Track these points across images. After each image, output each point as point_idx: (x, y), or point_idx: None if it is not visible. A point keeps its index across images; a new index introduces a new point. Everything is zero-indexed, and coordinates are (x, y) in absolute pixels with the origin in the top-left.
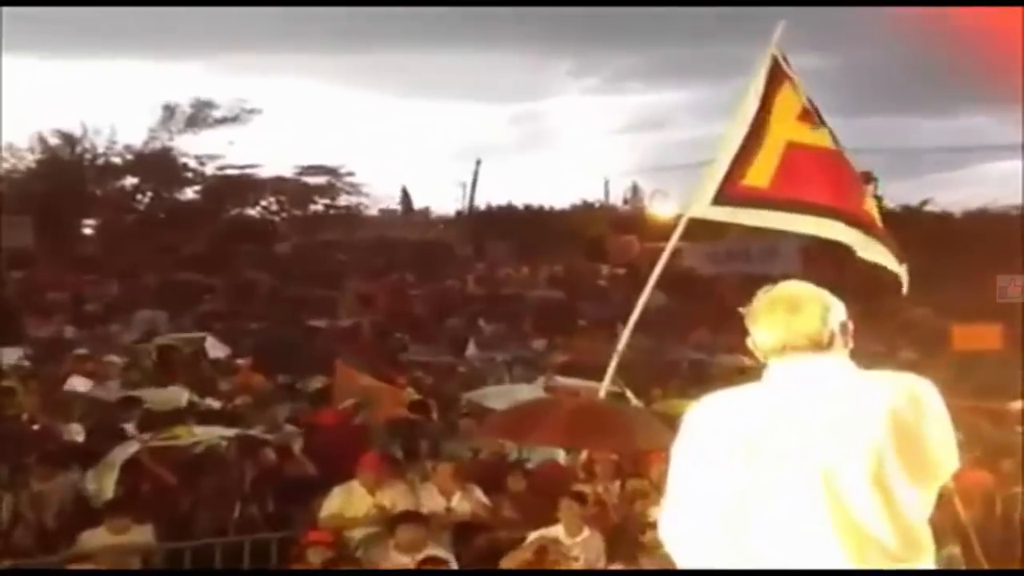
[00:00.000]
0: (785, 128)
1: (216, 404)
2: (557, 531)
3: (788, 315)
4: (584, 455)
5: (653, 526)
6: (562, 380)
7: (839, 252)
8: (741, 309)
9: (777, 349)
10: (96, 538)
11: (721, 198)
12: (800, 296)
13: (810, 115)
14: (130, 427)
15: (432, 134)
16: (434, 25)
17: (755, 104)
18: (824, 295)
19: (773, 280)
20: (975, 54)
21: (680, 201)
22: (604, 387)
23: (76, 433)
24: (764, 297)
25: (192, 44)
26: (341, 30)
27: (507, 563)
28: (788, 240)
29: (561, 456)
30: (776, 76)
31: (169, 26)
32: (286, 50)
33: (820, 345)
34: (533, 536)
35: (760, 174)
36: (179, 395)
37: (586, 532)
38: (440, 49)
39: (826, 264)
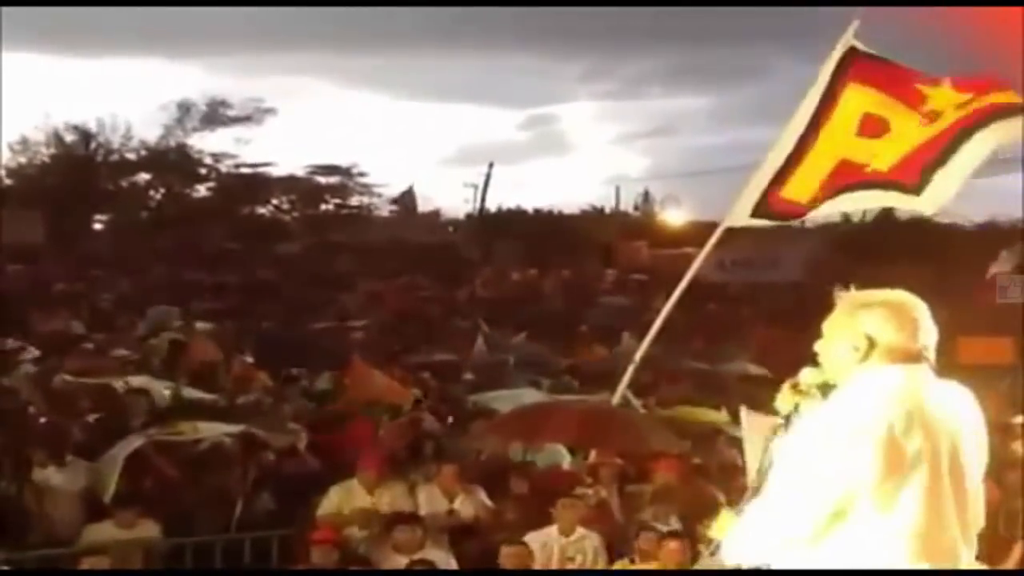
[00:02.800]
0: (838, 143)
1: (209, 397)
2: (551, 531)
3: (920, 326)
4: (592, 457)
5: (651, 529)
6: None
7: (843, 260)
8: (839, 291)
9: (895, 351)
10: (102, 531)
11: (760, 211)
12: (926, 311)
13: (873, 124)
14: (136, 422)
15: (444, 136)
16: (448, 27)
17: (809, 112)
18: None
19: (777, 288)
20: (978, 56)
21: (721, 209)
22: (619, 393)
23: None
24: (896, 300)
25: (207, 43)
26: (355, 31)
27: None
28: (791, 249)
29: (566, 460)
30: (841, 77)
31: (185, 25)
32: (301, 50)
33: (928, 358)
34: (528, 538)
35: (801, 189)
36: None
37: (580, 531)
38: (454, 52)
39: (830, 272)
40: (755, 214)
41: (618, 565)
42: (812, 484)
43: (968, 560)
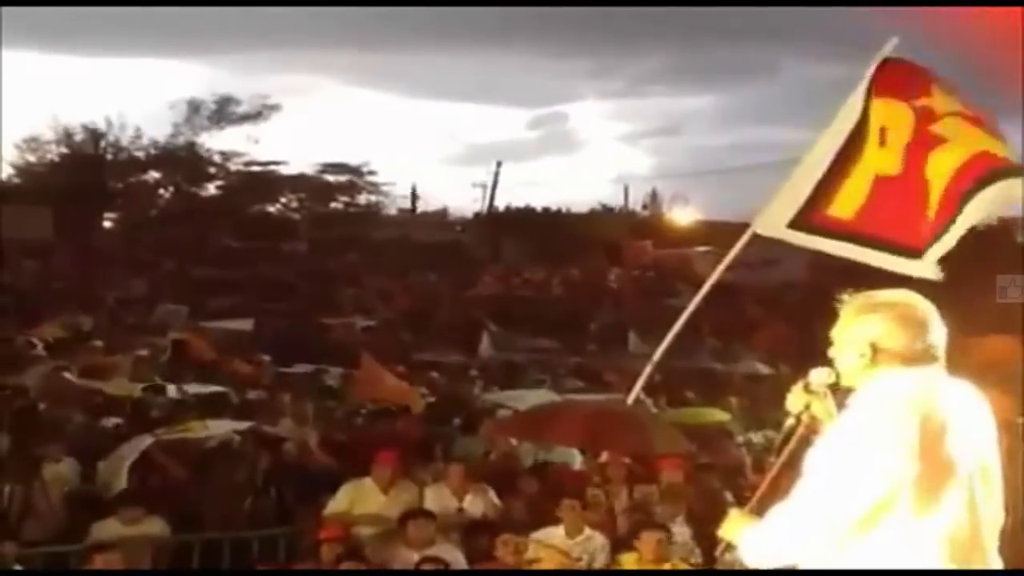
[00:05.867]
0: (874, 158)
1: (217, 394)
2: (558, 531)
3: (926, 326)
4: (603, 457)
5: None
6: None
7: (845, 262)
8: (845, 296)
9: (902, 354)
10: (107, 529)
11: (799, 223)
12: (932, 309)
13: (884, 134)
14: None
15: (453, 135)
16: (457, 27)
17: (848, 127)
18: None
19: (785, 287)
20: (982, 57)
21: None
22: (634, 394)
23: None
24: (899, 301)
25: (216, 42)
26: (364, 30)
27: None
28: (793, 249)
29: (578, 460)
30: (871, 96)
31: (194, 24)
32: (311, 48)
33: (938, 357)
34: (535, 537)
35: (846, 205)
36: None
37: (586, 532)
38: (462, 51)
39: (833, 273)
40: (793, 226)
41: (624, 557)
42: (838, 490)
43: (993, 557)
